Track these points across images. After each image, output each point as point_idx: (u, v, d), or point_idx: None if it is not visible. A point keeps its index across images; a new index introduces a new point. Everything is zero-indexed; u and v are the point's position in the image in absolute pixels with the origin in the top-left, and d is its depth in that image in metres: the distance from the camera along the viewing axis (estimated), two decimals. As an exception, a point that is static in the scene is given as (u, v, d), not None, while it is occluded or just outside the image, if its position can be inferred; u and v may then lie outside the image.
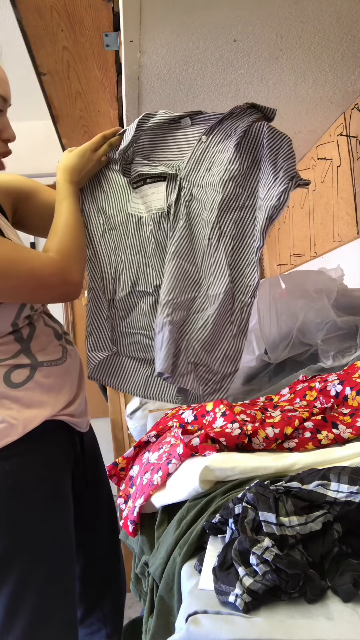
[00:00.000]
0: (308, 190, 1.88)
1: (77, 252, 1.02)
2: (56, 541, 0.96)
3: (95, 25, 1.42)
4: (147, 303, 1.08)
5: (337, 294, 1.17)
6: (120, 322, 1.11)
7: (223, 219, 1.03)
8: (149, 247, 1.07)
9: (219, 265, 1.03)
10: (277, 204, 1.00)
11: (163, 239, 1.06)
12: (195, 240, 1.04)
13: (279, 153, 1.01)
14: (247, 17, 1.01)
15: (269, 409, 0.82)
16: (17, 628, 0.91)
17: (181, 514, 0.64)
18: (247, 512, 0.51)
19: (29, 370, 0.99)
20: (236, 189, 1.03)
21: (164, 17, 0.98)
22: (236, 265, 1.04)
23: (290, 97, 1.38)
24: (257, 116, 1.02)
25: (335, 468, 0.54)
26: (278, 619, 0.45)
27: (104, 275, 1.10)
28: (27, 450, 0.96)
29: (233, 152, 1.02)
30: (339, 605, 0.46)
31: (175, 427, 0.79)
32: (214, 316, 1.03)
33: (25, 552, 0.92)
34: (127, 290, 1.09)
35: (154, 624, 0.62)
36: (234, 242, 1.04)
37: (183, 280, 1.03)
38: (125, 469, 0.87)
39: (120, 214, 1.10)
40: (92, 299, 1.11)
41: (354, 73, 1.28)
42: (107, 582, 1.18)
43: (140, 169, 1.07)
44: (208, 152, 1.05)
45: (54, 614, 0.94)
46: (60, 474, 1.01)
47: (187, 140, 1.07)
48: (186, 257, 1.04)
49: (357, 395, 0.78)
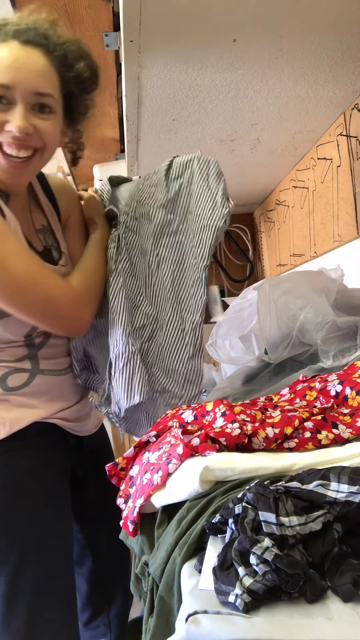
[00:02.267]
0: (308, 190, 1.88)
1: (97, 294, 1.03)
2: (49, 539, 0.95)
3: (95, 25, 1.42)
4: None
5: (337, 294, 1.17)
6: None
7: (159, 245, 1.09)
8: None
9: (162, 290, 1.08)
10: (224, 225, 1.05)
11: (110, 269, 1.08)
12: (136, 270, 1.08)
13: (210, 175, 1.06)
14: (247, 17, 1.01)
15: (269, 409, 0.82)
16: (14, 628, 0.90)
17: (181, 514, 0.64)
18: (247, 512, 0.51)
19: (28, 376, 0.99)
20: (167, 215, 1.09)
21: (164, 17, 0.98)
22: (180, 286, 1.08)
23: (290, 97, 1.38)
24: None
25: (335, 468, 0.54)
26: (278, 619, 0.45)
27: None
28: (16, 449, 0.96)
29: (162, 181, 1.09)
30: (339, 605, 0.46)
31: (175, 427, 0.79)
32: (166, 341, 1.07)
33: (15, 551, 0.92)
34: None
35: (154, 624, 0.62)
36: (174, 266, 1.08)
37: (131, 312, 1.06)
38: (125, 469, 0.87)
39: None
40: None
41: (354, 73, 1.28)
42: (115, 586, 1.18)
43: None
44: (141, 188, 1.12)
45: (51, 613, 0.93)
46: (51, 474, 1.01)
47: (133, 185, 1.16)
48: (131, 287, 1.08)
49: (357, 395, 0.78)
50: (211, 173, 1.07)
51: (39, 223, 1.05)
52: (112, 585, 1.18)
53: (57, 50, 0.93)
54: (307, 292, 1.17)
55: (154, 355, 1.08)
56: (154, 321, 1.07)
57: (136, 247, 1.09)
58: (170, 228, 1.09)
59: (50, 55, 0.92)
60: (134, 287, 1.08)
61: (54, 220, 1.08)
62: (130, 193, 1.13)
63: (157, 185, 1.11)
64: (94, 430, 1.14)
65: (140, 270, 1.09)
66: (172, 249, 1.09)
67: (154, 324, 1.07)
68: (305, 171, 1.88)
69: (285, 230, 2.21)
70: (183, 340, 1.07)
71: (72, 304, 0.96)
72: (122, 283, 1.04)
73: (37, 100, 0.90)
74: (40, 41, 0.91)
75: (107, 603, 1.19)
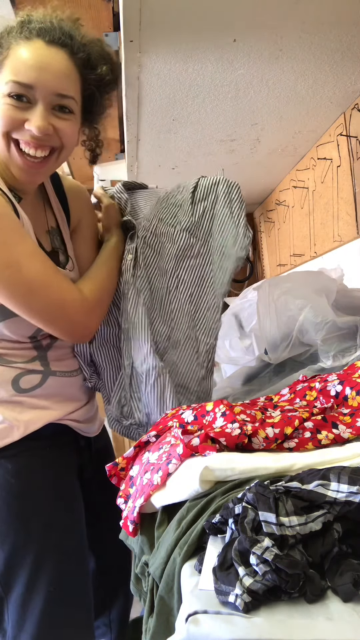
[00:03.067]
0: (308, 190, 1.88)
1: (106, 304, 1.03)
2: (64, 541, 0.95)
3: (95, 25, 1.42)
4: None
5: (337, 294, 1.17)
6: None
7: (180, 267, 1.09)
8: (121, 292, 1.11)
9: (179, 310, 1.09)
10: (245, 254, 1.08)
11: (128, 283, 1.08)
12: (153, 288, 1.09)
13: (232, 201, 1.09)
14: (247, 17, 1.01)
15: (269, 409, 0.82)
16: (30, 627, 0.90)
17: (181, 514, 0.64)
18: (247, 512, 0.51)
19: (40, 378, 0.99)
20: (190, 238, 1.09)
21: (164, 17, 0.98)
22: (198, 308, 1.10)
23: (290, 97, 1.38)
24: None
25: (335, 468, 0.54)
26: (278, 619, 0.45)
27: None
28: (29, 451, 0.96)
29: (188, 202, 1.10)
30: (339, 605, 0.46)
31: (175, 427, 0.79)
32: (180, 359, 1.08)
33: (32, 553, 0.92)
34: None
35: (154, 624, 0.62)
36: (192, 289, 1.10)
37: (148, 327, 1.06)
38: (125, 469, 0.87)
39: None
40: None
41: (354, 73, 1.28)
42: (117, 587, 1.18)
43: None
44: (165, 205, 1.12)
45: (67, 613, 0.93)
46: (64, 474, 1.01)
47: (151, 196, 1.16)
48: (148, 305, 1.08)
49: (357, 395, 0.78)
50: (234, 198, 1.09)
51: (49, 224, 1.05)
52: (114, 586, 1.18)
53: (81, 51, 0.92)
54: (307, 292, 1.17)
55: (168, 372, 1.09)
56: (166, 339, 1.08)
57: (155, 266, 1.09)
58: (192, 251, 1.10)
59: (74, 56, 0.91)
60: (149, 304, 1.08)
61: (63, 223, 1.07)
62: (152, 209, 1.12)
63: (182, 206, 1.11)
64: (99, 431, 1.15)
65: (156, 289, 1.09)
66: (193, 272, 1.10)
67: (166, 342, 1.08)
68: (305, 171, 1.88)
69: (285, 230, 2.21)
70: (197, 361, 1.09)
71: (83, 311, 0.95)
72: (142, 299, 1.05)
73: (58, 102, 0.89)
74: (66, 41, 0.90)
75: (108, 603, 1.19)
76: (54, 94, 0.89)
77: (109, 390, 1.10)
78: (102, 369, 1.10)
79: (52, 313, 0.92)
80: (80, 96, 0.95)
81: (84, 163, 2.69)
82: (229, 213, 1.09)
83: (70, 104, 0.91)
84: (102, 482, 1.06)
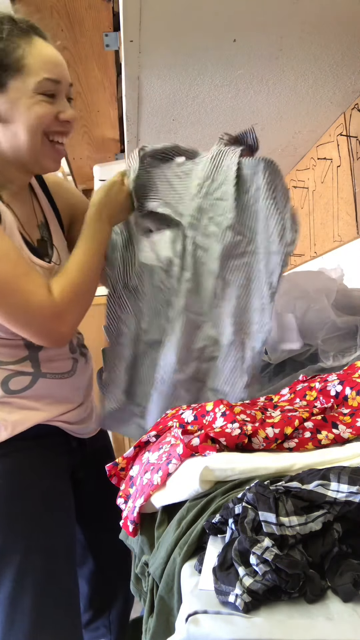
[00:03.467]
0: (308, 190, 1.88)
1: (80, 298, 0.95)
2: (52, 540, 0.95)
3: (95, 25, 1.43)
4: (158, 352, 1.04)
5: (337, 294, 1.17)
6: (137, 372, 1.08)
7: (226, 268, 1.00)
8: (160, 296, 1.04)
9: (225, 313, 1.01)
10: (292, 250, 0.97)
11: (173, 287, 1.02)
12: (201, 290, 1.02)
13: (277, 187, 0.96)
14: (247, 17, 1.01)
15: (269, 409, 0.82)
16: (18, 628, 0.91)
17: (181, 514, 0.64)
18: (247, 512, 0.51)
19: (30, 379, 0.98)
20: (236, 237, 0.99)
21: (164, 17, 0.98)
22: (245, 311, 1.01)
23: (290, 97, 1.38)
24: (241, 151, 0.99)
25: (335, 468, 0.54)
26: (278, 619, 0.45)
27: (127, 327, 1.07)
28: (18, 451, 0.96)
29: (232, 200, 0.98)
30: (339, 605, 0.46)
31: (175, 427, 0.79)
32: (224, 366, 1.01)
33: (19, 552, 0.92)
34: (143, 340, 1.06)
35: (154, 624, 0.62)
36: (239, 291, 1.00)
37: (192, 333, 1.02)
38: (125, 469, 0.87)
39: (136, 262, 1.05)
40: (110, 351, 1.07)
41: (354, 73, 1.28)
42: (116, 588, 1.18)
43: (149, 206, 1.03)
44: (208, 200, 1.01)
45: (55, 614, 0.93)
46: (53, 475, 1.00)
47: (184, 184, 1.03)
48: (195, 310, 1.01)
49: (357, 395, 0.78)
50: (278, 186, 0.96)
51: (38, 219, 1.06)
52: (113, 587, 1.18)
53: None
54: (307, 292, 1.17)
55: (210, 378, 1.03)
56: (214, 343, 1.02)
57: (204, 267, 1.01)
58: (239, 249, 1.00)
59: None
60: (197, 308, 1.02)
61: (50, 216, 1.08)
62: (198, 204, 1.00)
63: (226, 199, 0.99)
64: (95, 432, 1.14)
65: (205, 291, 1.01)
66: (240, 272, 1.01)
67: (214, 346, 1.02)
68: (305, 171, 1.88)
69: (285, 230, 2.21)
70: (241, 368, 1.01)
71: (50, 316, 0.91)
72: (185, 305, 1.00)
73: (68, 92, 0.97)
74: (46, 35, 0.96)
75: (107, 604, 1.19)
76: (68, 84, 0.96)
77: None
78: (135, 390, 1.07)
79: (19, 318, 0.90)
80: None
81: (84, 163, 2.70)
82: (274, 206, 0.96)
83: (72, 92, 1.00)
84: (99, 483, 1.06)
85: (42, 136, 0.93)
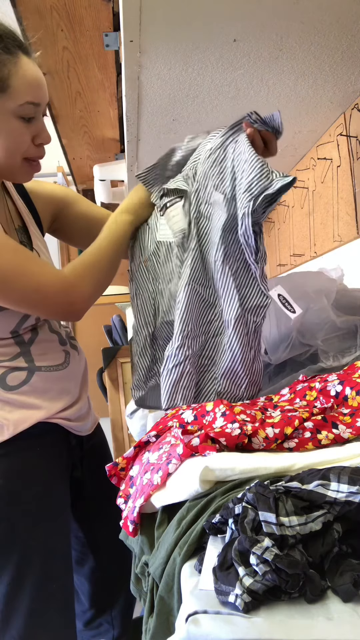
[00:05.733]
0: (308, 190, 1.88)
1: (94, 275, 0.98)
2: (49, 541, 0.96)
3: (95, 25, 1.42)
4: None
5: (336, 294, 1.17)
6: (161, 354, 1.07)
7: (227, 240, 0.97)
8: (177, 272, 1.03)
9: (227, 288, 0.99)
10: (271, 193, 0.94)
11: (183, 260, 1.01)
12: (206, 261, 1.00)
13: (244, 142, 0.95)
14: (247, 17, 1.01)
15: (269, 409, 0.82)
16: (14, 627, 0.91)
17: (181, 514, 0.64)
18: (247, 512, 0.51)
19: (26, 374, 0.99)
20: (236, 209, 0.96)
21: (164, 17, 0.98)
22: (244, 286, 0.99)
23: (290, 97, 1.38)
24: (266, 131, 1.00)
25: (335, 468, 0.54)
26: (278, 619, 0.45)
27: (145, 308, 1.07)
28: (19, 451, 0.96)
29: (229, 168, 0.97)
30: (339, 605, 0.46)
31: (175, 427, 0.79)
32: (230, 342, 0.98)
33: (16, 552, 0.92)
34: (161, 321, 1.06)
35: (154, 624, 0.62)
36: (237, 264, 0.98)
37: (199, 306, 1.00)
38: (125, 469, 0.87)
39: (152, 243, 1.06)
40: (136, 335, 1.07)
41: (353, 73, 1.28)
42: (118, 585, 1.18)
43: (163, 185, 1.05)
44: (215, 168, 0.99)
45: (51, 613, 0.94)
46: (53, 475, 1.01)
47: (196, 153, 1.06)
48: (200, 281, 1.00)
49: (357, 395, 0.78)
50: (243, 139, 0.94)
51: (15, 223, 1.06)
52: (115, 585, 1.18)
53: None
54: (307, 292, 1.17)
55: (217, 354, 1.01)
56: (219, 318, 1.00)
57: (207, 238, 0.99)
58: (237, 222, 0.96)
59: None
60: (204, 280, 1.00)
61: (30, 222, 1.09)
62: (204, 170, 0.99)
63: (229, 170, 0.96)
64: (92, 430, 1.15)
65: (209, 263, 1.00)
66: (238, 246, 0.97)
67: (220, 321, 1.00)
68: (305, 171, 1.88)
69: (285, 230, 2.21)
70: (248, 343, 0.98)
71: (62, 290, 0.94)
72: (190, 275, 0.98)
73: (45, 110, 0.97)
74: (30, 50, 0.93)
75: (109, 602, 1.19)
76: (45, 104, 0.96)
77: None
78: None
79: (31, 299, 0.92)
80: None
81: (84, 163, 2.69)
82: (245, 159, 0.93)
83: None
84: (97, 481, 1.07)
85: (20, 159, 0.95)
